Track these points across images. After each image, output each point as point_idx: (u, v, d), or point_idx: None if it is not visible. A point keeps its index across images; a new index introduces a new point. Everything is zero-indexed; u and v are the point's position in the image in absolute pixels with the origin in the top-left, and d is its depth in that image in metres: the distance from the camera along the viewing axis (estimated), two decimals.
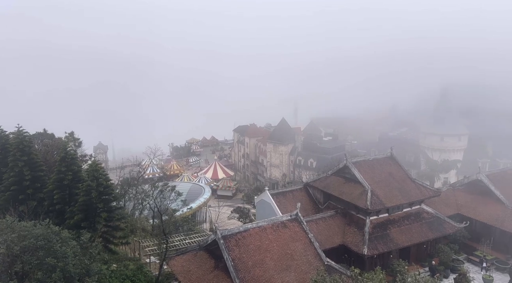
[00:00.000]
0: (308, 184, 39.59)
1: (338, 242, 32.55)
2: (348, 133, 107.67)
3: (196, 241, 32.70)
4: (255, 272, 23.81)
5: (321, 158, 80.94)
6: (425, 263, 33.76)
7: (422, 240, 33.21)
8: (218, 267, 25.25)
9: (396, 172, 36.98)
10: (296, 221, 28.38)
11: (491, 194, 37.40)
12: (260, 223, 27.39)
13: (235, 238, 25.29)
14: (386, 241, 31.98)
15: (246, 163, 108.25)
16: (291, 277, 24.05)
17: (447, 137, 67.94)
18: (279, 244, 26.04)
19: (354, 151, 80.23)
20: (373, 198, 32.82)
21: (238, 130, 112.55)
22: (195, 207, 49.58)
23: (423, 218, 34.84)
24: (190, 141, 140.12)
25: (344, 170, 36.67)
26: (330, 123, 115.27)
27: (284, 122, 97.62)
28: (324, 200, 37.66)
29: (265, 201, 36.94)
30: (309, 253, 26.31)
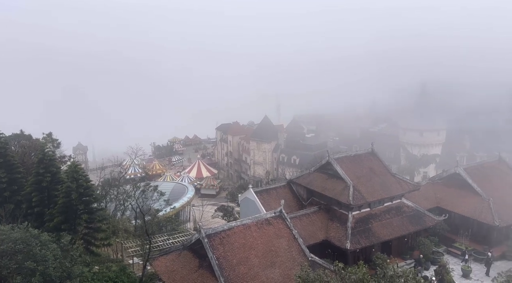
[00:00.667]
0: (291, 181, 39.86)
1: (321, 237, 32.93)
2: (330, 130, 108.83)
3: (180, 240, 32.53)
4: (239, 269, 23.86)
5: (304, 154, 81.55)
6: (406, 256, 34.53)
7: (403, 233, 33.92)
8: (202, 266, 25.18)
9: (377, 167, 37.63)
10: (280, 218, 28.56)
11: (469, 187, 38.50)
12: (244, 221, 27.44)
13: (219, 237, 25.26)
14: (368, 235, 32.53)
15: (229, 161, 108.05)
16: (275, 274, 24.22)
17: (426, 132, 69.46)
18: (263, 241, 26.15)
19: (336, 147, 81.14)
20: (355, 193, 33.32)
21: (221, 128, 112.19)
22: (178, 207, 49.18)
23: (404, 211, 35.59)
24: (172, 140, 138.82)
25: (326, 166, 37.07)
26: (312, 120, 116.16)
27: (267, 120, 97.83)
28: (308, 196, 38.00)
29: (249, 199, 37.00)
30: (293, 249, 26.53)
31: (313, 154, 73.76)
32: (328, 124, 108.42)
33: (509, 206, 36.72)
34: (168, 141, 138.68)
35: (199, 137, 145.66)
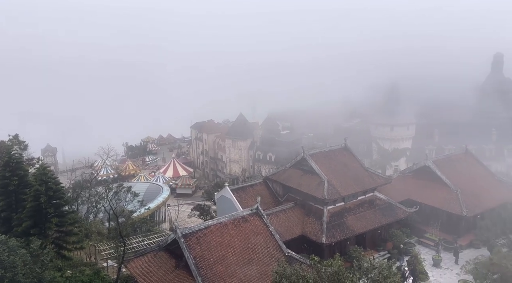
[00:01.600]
0: (267, 178, 40.07)
1: (298, 232, 33.32)
2: (305, 127, 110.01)
3: (155, 241, 32.09)
4: (217, 268, 23.80)
5: (279, 151, 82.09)
6: (380, 247, 35.46)
7: (376, 226, 34.81)
8: (179, 266, 24.94)
9: (350, 162, 38.41)
10: (257, 215, 28.65)
11: (438, 179, 39.90)
12: (221, 219, 27.36)
13: (196, 236, 25.08)
14: (343, 229, 33.20)
15: (205, 160, 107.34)
16: (253, 271, 24.31)
17: (396, 127, 71.36)
18: (240, 238, 26.17)
19: (311, 143, 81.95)
20: (329, 188, 33.89)
21: (195, 127, 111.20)
22: (153, 207, 48.39)
23: (377, 204, 36.52)
24: (145, 140, 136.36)
25: (302, 162, 37.49)
26: (287, 117, 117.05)
27: (242, 117, 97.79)
28: (284, 193, 38.33)
29: (226, 197, 36.92)
30: (270, 245, 26.70)
31: (289, 151, 74.42)
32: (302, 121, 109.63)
33: (476, 196, 38.35)
34: (141, 141, 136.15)
35: (174, 136, 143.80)
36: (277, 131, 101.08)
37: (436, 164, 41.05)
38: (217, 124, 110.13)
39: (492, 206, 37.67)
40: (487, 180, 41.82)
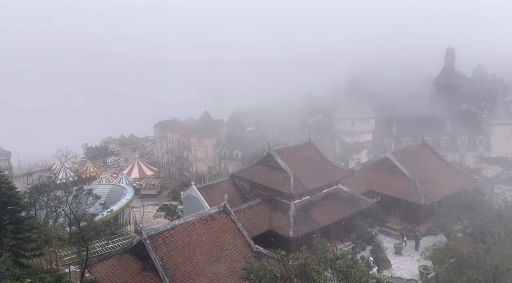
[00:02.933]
0: (234, 175, 40.05)
1: (265, 228, 33.62)
2: (270, 123, 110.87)
3: (120, 244, 31.23)
4: (185, 268, 23.54)
5: (245, 148, 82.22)
6: (345, 238, 36.53)
7: (340, 217, 35.80)
8: (145, 268, 24.43)
9: (314, 156, 39.19)
10: (224, 213, 28.58)
11: (397, 170, 41.60)
12: (187, 218, 27.05)
13: (162, 237, 24.66)
14: (309, 222, 33.87)
15: (170, 159, 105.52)
16: (222, 268, 24.27)
17: (357, 121, 73.48)
18: (208, 237, 26.02)
19: (276, 139, 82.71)
20: (295, 183, 34.42)
21: (159, 126, 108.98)
22: (116, 209, 47.03)
23: (341, 197, 37.55)
24: (106, 140, 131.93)
25: (267, 158, 37.78)
26: (252, 114, 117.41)
27: (207, 115, 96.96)
28: (251, 189, 38.48)
29: (192, 196, 36.53)
30: (238, 242, 26.76)
31: (255, 147, 74.60)
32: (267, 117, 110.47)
33: (433, 185, 40.39)
34: (102, 141, 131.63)
35: (136, 136, 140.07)
36: (243, 128, 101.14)
37: (395, 155, 42.74)
38: (181, 122, 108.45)
39: (448, 194, 39.82)
40: (442, 169, 44.12)
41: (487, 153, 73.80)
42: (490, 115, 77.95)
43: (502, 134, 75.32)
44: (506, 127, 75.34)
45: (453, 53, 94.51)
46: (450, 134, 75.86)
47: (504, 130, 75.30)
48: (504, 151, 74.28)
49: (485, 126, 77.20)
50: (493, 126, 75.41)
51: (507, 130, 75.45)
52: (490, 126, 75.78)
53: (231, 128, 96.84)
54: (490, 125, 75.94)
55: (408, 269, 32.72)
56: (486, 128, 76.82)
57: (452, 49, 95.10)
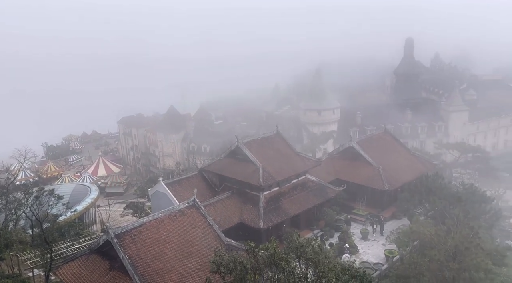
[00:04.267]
0: (203, 169, 39.73)
1: (236, 220, 33.68)
2: (238, 116, 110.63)
3: (86, 245, 30.25)
4: (155, 265, 23.19)
5: (214, 142, 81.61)
6: (313, 226, 37.31)
7: (309, 206, 36.49)
8: (114, 268, 23.84)
9: (282, 147, 39.57)
10: (194, 207, 28.34)
11: (362, 158, 42.82)
12: (156, 215, 26.59)
13: (130, 235, 24.11)
14: (279, 212, 34.28)
15: (136, 156, 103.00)
16: (193, 263, 24.12)
17: (323, 111, 74.84)
18: (178, 233, 25.73)
19: (245, 132, 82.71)
20: (264, 174, 34.64)
21: (123, 121, 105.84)
22: (81, 209, 45.36)
23: (309, 186, 38.23)
24: (67, 138, 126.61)
25: (236, 151, 37.73)
26: (220, 107, 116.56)
27: (173, 109, 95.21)
28: (220, 183, 38.35)
29: (160, 192, 35.92)
30: (209, 236, 26.65)
31: (223, 141, 74.20)
32: (235, 110, 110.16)
33: (396, 172, 41.95)
34: (63, 139, 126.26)
35: (99, 133, 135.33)
36: (210, 122, 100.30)
37: (359, 144, 43.95)
38: (146, 118, 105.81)
39: (409, 179, 41.54)
40: (404, 156, 45.91)
41: (445, 138, 77.60)
42: (448, 102, 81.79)
43: (459, 120, 79.37)
44: (462, 113, 79.40)
45: (412, 43, 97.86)
46: (410, 122, 78.96)
47: (461, 116, 79.37)
48: (461, 136, 78.46)
49: (443, 113, 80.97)
50: (450, 113, 79.22)
51: (464, 116, 79.57)
52: (448, 113, 79.56)
53: (199, 122, 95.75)
54: (447, 112, 79.72)
55: (374, 253, 33.93)
56: (444, 115, 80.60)
57: (411, 39, 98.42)
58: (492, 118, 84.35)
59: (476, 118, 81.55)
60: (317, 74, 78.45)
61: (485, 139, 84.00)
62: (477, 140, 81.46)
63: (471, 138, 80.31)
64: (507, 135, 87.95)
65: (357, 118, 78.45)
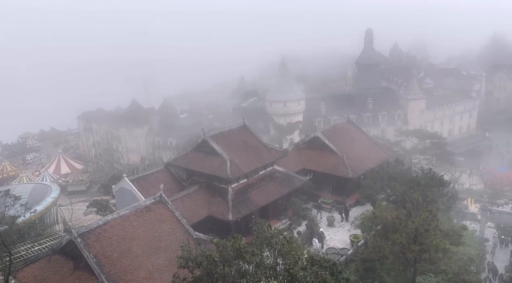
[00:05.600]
0: (169, 164, 39.10)
1: (205, 214, 33.54)
2: (204, 109, 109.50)
3: (48, 246, 29.13)
4: (122, 262, 22.72)
5: (179, 135, 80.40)
6: (282, 216, 37.88)
7: (277, 197, 36.94)
8: (78, 268, 23.13)
9: (249, 139, 39.67)
10: (161, 203, 27.94)
11: (327, 147, 43.73)
12: (121, 212, 25.99)
13: (95, 233, 23.45)
14: (248, 204, 34.48)
15: (98, 152, 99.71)
16: (161, 259, 23.85)
17: (288, 102, 75.68)
18: (145, 229, 25.31)
19: (211, 125, 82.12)
20: (232, 167, 34.64)
21: (83, 117, 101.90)
22: (41, 209, 43.49)
23: (276, 177, 38.67)
24: (24, 136, 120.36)
25: (203, 144, 37.39)
26: (185, 100, 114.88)
27: (136, 103, 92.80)
28: (187, 177, 37.94)
29: (125, 189, 35.03)
30: (177, 231, 26.42)
31: (189, 134, 73.30)
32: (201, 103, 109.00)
33: (359, 159, 43.24)
34: (19, 137, 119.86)
35: (58, 130, 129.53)
36: (176, 115, 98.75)
37: (324, 134, 44.87)
38: (108, 112, 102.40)
39: (372, 166, 43.00)
40: (366, 144, 47.39)
41: (405, 126, 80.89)
42: (406, 91, 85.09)
43: (417, 108, 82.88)
44: (420, 101, 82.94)
45: (371, 34, 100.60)
46: (372, 111, 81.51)
47: (419, 104, 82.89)
48: (419, 123, 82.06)
49: (402, 102, 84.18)
50: (409, 101, 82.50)
51: (421, 104, 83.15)
52: (407, 101, 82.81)
53: (163, 116, 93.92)
54: (406, 100, 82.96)
55: (340, 239, 35.00)
56: (403, 103, 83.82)
57: (370, 30, 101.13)
58: (448, 106, 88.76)
59: (433, 106, 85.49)
60: (282, 66, 78.94)
61: (441, 126, 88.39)
62: (434, 127, 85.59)
63: (428, 125, 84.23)
64: (461, 121, 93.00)
65: (322, 108, 79.95)
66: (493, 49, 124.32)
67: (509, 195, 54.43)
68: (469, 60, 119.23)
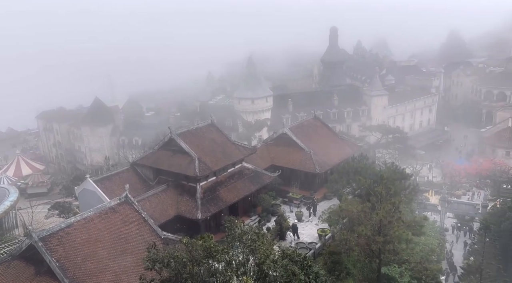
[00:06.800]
0: (135, 163, 38.17)
1: (173, 213, 33.05)
2: (171, 106, 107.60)
3: (7, 251, 27.76)
4: (86, 266, 22.00)
5: (146, 134, 78.67)
6: (251, 213, 38.02)
7: (246, 194, 37.01)
8: (40, 273, 22.14)
9: (218, 137, 39.44)
10: (127, 203, 27.26)
11: (294, 143, 44.27)
12: (85, 214, 25.12)
13: (57, 237, 22.55)
14: (217, 202, 34.32)
15: (59, 153, 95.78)
16: (128, 261, 23.30)
17: (256, 100, 75.97)
18: (110, 231, 24.61)
19: (179, 123, 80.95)
20: (200, 165, 34.32)
21: (43, 116, 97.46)
22: None
23: (245, 174, 38.72)
24: None
25: (170, 142, 36.77)
26: (151, 98, 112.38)
27: (99, 101, 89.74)
28: (154, 176, 37.20)
29: (89, 190, 33.87)
30: (144, 232, 25.88)
31: (155, 132, 71.89)
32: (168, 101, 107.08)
33: (325, 155, 44.11)
34: None
35: (16, 130, 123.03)
36: (141, 113, 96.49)
37: (292, 130, 45.40)
38: (69, 111, 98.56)
39: (338, 161, 44.00)
40: (333, 139, 48.43)
41: (368, 122, 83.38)
42: (370, 88, 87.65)
43: (380, 104, 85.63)
44: (382, 98, 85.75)
45: (336, 32, 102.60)
46: (337, 107, 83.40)
47: (381, 100, 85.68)
48: (382, 119, 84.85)
49: (366, 98, 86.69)
50: (372, 97, 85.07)
51: (384, 100, 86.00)
52: (370, 98, 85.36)
53: (128, 114, 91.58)
54: (370, 97, 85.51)
55: (308, 233, 35.59)
56: (367, 100, 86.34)
57: (335, 28, 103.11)
58: (409, 101, 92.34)
59: (395, 102, 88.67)
60: (249, 63, 79.01)
61: (403, 121, 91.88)
62: (396, 122, 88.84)
63: (391, 120, 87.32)
64: (422, 116, 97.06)
65: (289, 105, 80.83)
66: (450, 47, 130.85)
67: (466, 186, 57.44)
68: (429, 58, 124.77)
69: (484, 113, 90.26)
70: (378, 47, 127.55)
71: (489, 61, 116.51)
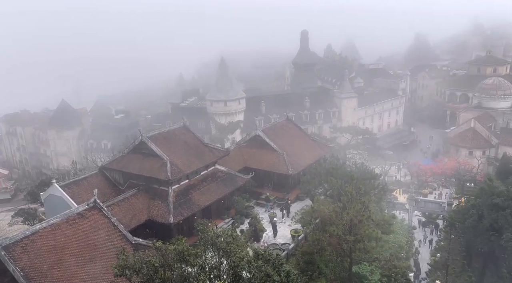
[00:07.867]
0: (104, 167, 37.14)
1: (144, 218, 32.39)
2: (141, 109, 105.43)
3: None
4: (53, 274, 21.17)
5: (115, 137, 76.76)
6: (225, 216, 37.83)
7: (219, 196, 36.80)
8: None
9: (190, 139, 39.02)
10: (95, 209, 26.48)
11: (267, 145, 44.48)
12: (51, 221, 24.18)
13: (21, 245, 21.59)
14: (190, 205, 33.92)
15: (23, 157, 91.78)
16: (97, 268, 22.62)
17: (229, 102, 75.76)
18: (78, 237, 23.80)
19: (150, 126, 79.60)
20: (172, 168, 33.82)
21: (5, 119, 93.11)
22: None
23: (218, 176, 38.50)
24: None
25: (141, 146, 36.03)
26: (120, 100, 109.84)
27: (65, 104, 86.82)
28: (124, 180, 36.33)
29: (55, 195, 32.59)
30: (114, 237, 25.21)
31: (125, 135, 70.30)
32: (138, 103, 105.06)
33: (298, 156, 44.57)
34: None
35: None
36: (110, 116, 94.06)
37: (265, 132, 45.60)
38: (33, 114, 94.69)
39: (310, 162, 44.56)
40: (305, 141, 49.02)
41: (339, 123, 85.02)
42: (340, 90, 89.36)
43: (349, 106, 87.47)
44: (352, 100, 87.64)
45: (306, 35, 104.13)
46: (309, 109, 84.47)
47: (351, 102, 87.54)
48: (352, 121, 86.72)
49: (336, 100, 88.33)
50: (342, 100, 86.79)
51: (353, 102, 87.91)
52: (340, 100, 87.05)
53: (97, 116, 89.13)
54: (340, 99, 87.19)
55: (282, 234, 35.81)
56: (337, 102, 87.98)
57: (306, 31, 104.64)
58: (377, 103, 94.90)
59: (364, 104, 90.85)
60: (222, 65, 78.71)
61: (372, 122, 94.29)
62: (365, 123, 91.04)
63: (360, 122, 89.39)
64: (390, 118, 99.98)
65: (262, 107, 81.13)
66: (416, 50, 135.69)
67: (433, 185, 59.54)
68: (396, 61, 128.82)
69: (448, 114, 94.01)
70: (347, 50, 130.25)
71: (453, 65, 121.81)
